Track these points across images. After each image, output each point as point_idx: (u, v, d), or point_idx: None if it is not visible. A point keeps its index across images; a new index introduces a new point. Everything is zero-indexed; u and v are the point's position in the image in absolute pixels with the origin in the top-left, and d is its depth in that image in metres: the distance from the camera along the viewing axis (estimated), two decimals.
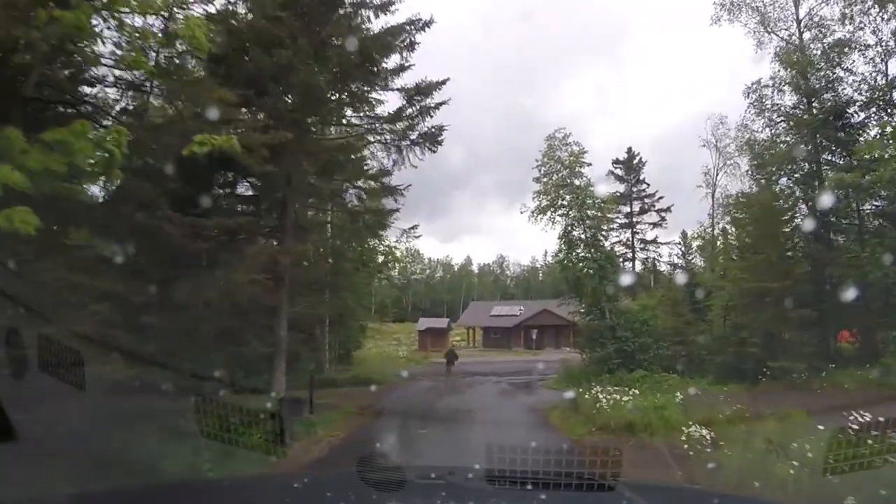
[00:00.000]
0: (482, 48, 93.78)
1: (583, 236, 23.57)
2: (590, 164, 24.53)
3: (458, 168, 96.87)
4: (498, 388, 22.72)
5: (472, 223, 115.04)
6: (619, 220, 30.07)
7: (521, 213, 24.43)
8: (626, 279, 26.05)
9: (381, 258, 33.23)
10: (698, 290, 25.47)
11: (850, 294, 17.98)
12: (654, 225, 31.78)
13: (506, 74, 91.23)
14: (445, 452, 9.36)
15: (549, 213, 23.94)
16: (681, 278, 26.01)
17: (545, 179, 24.61)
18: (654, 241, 31.20)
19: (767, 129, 25.55)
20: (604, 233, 23.84)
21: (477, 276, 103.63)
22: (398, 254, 34.51)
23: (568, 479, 2.66)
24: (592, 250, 23.04)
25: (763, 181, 25.06)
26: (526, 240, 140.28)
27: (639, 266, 31.75)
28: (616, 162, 30.71)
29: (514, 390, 22.19)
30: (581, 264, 22.76)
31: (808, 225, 22.26)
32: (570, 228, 23.60)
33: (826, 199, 21.13)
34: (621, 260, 29.16)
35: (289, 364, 23.05)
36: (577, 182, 24.15)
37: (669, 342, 22.74)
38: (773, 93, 25.05)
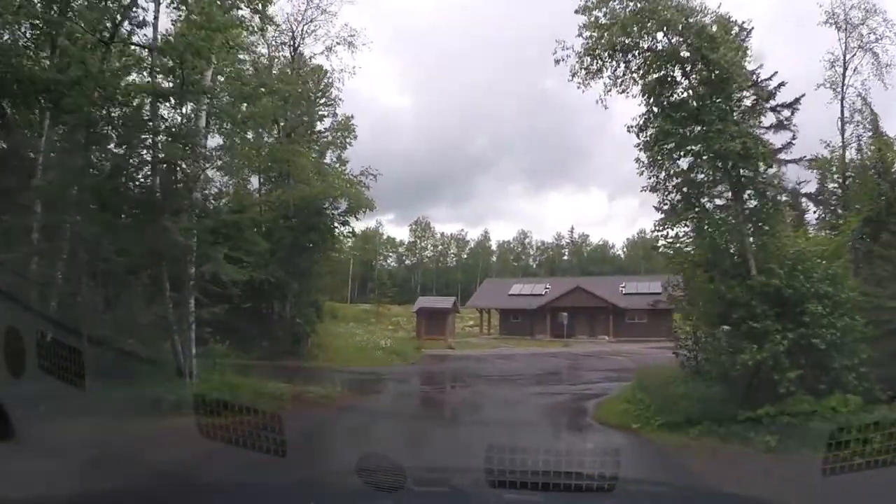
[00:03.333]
0: (503, 31, 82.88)
1: (695, 104, 10.81)
2: None
3: (482, 152, 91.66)
4: (506, 437, 9.52)
5: (496, 207, 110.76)
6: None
7: (559, 61, 11.66)
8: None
9: (344, 204, 23.43)
10: None
11: None
12: (774, 128, 18.07)
13: (527, 56, 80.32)
14: None
15: (617, 55, 11.14)
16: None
17: (601, 6, 11.57)
18: (778, 155, 17.72)
19: None
20: (745, 95, 10.90)
21: (496, 254, 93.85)
22: (368, 198, 23.86)
23: (568, 479, 2.65)
24: (720, 124, 10.26)
25: None
26: (550, 222, 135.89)
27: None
28: None
29: (550, 454, 9.02)
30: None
31: None
32: (668, 81, 10.82)
33: None
34: None
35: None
36: None
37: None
38: None
